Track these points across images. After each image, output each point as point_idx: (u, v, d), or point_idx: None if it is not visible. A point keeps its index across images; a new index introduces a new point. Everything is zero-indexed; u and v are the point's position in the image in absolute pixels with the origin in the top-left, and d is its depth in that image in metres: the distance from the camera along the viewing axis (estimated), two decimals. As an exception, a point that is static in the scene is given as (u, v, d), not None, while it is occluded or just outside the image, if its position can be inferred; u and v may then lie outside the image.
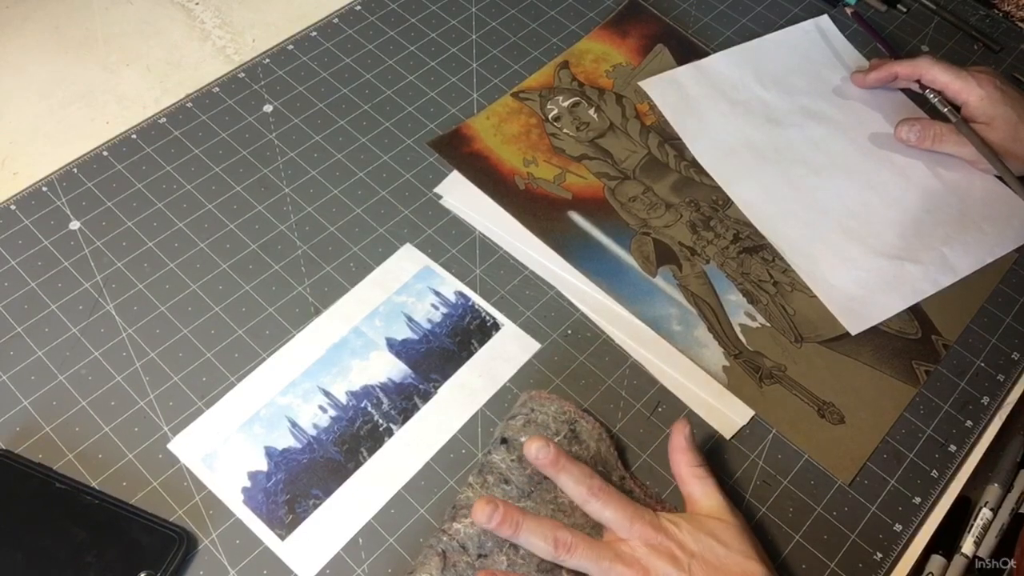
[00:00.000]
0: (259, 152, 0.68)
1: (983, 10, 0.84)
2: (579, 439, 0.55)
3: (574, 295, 0.63)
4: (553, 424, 0.55)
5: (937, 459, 0.58)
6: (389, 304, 0.61)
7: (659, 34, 0.79)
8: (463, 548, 0.50)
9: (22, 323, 0.59)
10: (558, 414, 0.55)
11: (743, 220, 0.67)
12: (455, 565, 0.49)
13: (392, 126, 0.71)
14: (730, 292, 0.64)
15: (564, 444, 0.54)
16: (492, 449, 0.54)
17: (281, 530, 0.52)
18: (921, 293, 0.64)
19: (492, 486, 0.52)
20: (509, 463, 0.53)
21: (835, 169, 0.71)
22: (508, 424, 0.55)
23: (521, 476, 0.52)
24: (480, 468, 0.53)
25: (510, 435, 0.54)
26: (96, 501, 0.51)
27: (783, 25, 0.80)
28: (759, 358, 0.61)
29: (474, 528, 0.50)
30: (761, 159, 0.71)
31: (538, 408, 0.55)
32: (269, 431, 0.55)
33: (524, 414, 0.55)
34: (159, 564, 0.49)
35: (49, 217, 0.63)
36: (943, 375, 0.62)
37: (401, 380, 0.58)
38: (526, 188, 0.67)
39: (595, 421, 0.56)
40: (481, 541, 0.50)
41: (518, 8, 0.80)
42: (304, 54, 0.74)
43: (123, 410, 0.56)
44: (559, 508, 0.52)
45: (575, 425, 0.55)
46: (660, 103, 0.73)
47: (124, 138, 0.68)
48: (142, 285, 0.61)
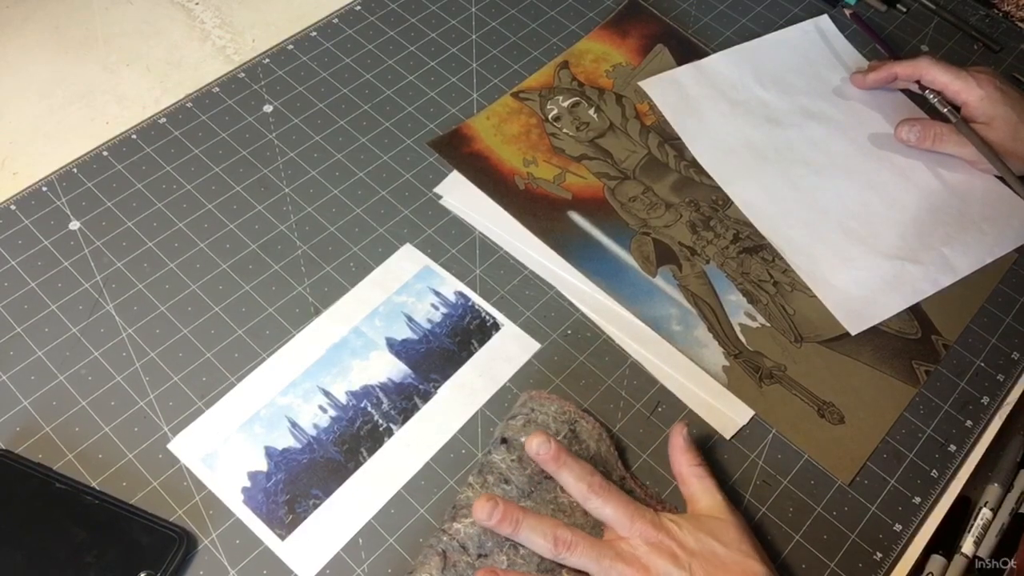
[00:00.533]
0: (259, 152, 0.68)
1: (983, 10, 0.84)
2: (579, 439, 0.55)
3: (574, 295, 0.63)
4: (553, 424, 0.55)
5: (937, 459, 0.58)
6: (389, 304, 0.61)
7: (659, 34, 0.79)
8: (463, 548, 0.50)
9: (22, 323, 0.59)
10: (558, 414, 0.55)
11: (743, 220, 0.67)
12: (455, 565, 0.49)
13: (392, 126, 0.71)
14: (730, 292, 0.64)
15: (564, 444, 0.54)
16: (492, 449, 0.54)
17: (281, 530, 0.52)
18: (921, 293, 0.64)
19: (492, 486, 0.52)
20: (509, 463, 0.53)
21: (835, 169, 0.71)
22: (508, 424, 0.55)
23: (521, 476, 0.52)
24: (480, 468, 0.53)
25: (510, 435, 0.54)
26: (96, 501, 0.51)
27: (783, 25, 0.80)
28: (759, 358, 0.61)
29: (474, 528, 0.50)
30: (761, 159, 0.71)
31: (538, 408, 0.55)
32: (269, 431, 0.55)
33: (524, 414, 0.55)
34: (159, 564, 0.49)
35: (49, 217, 0.63)
36: (943, 375, 0.62)
37: (401, 380, 0.58)
38: (526, 188, 0.67)
39: (595, 421, 0.56)
40: (481, 541, 0.50)
41: (518, 8, 0.80)
42: (304, 54, 0.74)
43: (123, 410, 0.56)
44: (559, 508, 0.52)
45: (575, 425, 0.55)
46: (660, 103, 0.73)
47: (124, 138, 0.68)
48: (142, 285, 0.61)
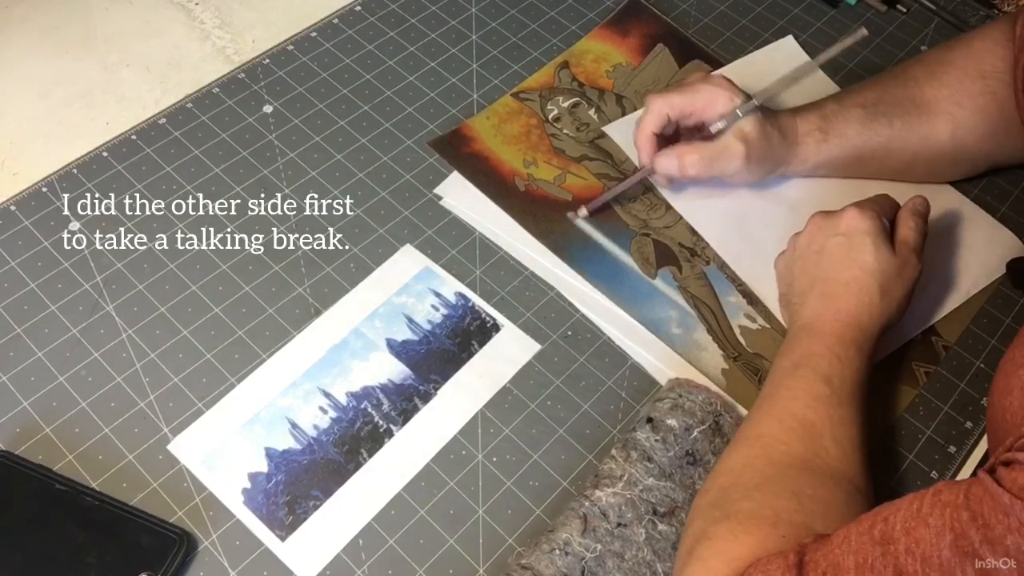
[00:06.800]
0: (259, 153, 0.68)
1: (983, 10, 0.84)
2: (722, 432, 0.56)
3: (574, 296, 0.63)
4: (699, 412, 0.56)
5: (937, 460, 0.58)
6: (389, 305, 0.61)
7: (659, 34, 0.78)
8: (604, 515, 0.51)
9: (22, 324, 0.59)
10: (705, 403, 0.56)
11: (743, 221, 0.67)
12: (595, 530, 0.51)
13: (392, 127, 0.71)
14: (730, 293, 0.64)
15: (707, 433, 0.55)
16: (637, 427, 0.55)
17: (281, 531, 0.52)
18: (908, 335, 0.63)
19: (635, 461, 0.53)
20: (653, 442, 0.54)
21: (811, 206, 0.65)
22: (655, 405, 0.56)
23: (663, 457, 0.54)
24: (624, 443, 0.54)
25: (656, 416, 0.55)
26: (96, 502, 0.51)
27: (783, 25, 0.80)
28: (758, 360, 0.61)
29: (615, 498, 0.52)
30: (736, 196, 0.68)
31: (686, 395, 0.56)
32: (269, 432, 0.55)
33: (672, 398, 0.56)
34: (159, 565, 0.49)
35: (49, 218, 0.63)
36: (943, 376, 0.62)
37: (401, 381, 0.58)
38: (526, 190, 0.67)
39: (741, 418, 0.56)
40: (622, 511, 0.51)
41: (518, 8, 0.80)
42: (304, 54, 0.74)
43: (123, 411, 0.56)
44: (696, 494, 0.52)
45: (720, 418, 0.56)
46: (624, 145, 0.70)
47: (124, 138, 0.68)
48: (142, 286, 0.61)
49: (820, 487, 0.48)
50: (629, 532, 0.51)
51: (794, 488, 0.48)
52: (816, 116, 0.65)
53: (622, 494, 0.52)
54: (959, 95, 0.64)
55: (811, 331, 0.55)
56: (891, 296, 0.56)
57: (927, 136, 0.65)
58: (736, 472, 0.50)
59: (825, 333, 0.55)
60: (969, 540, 0.36)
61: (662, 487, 0.53)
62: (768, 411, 0.53)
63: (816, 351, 0.54)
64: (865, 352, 0.55)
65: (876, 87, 0.66)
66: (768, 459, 0.50)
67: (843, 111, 0.65)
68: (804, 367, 0.53)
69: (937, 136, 0.65)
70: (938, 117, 0.64)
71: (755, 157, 0.63)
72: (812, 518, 0.46)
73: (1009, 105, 0.63)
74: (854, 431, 0.52)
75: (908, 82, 0.65)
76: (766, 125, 0.62)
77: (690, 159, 0.62)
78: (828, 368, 0.53)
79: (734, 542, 0.45)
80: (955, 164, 0.68)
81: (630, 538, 0.51)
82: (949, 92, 0.64)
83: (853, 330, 0.55)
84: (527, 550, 0.51)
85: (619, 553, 0.50)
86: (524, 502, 0.54)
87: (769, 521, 0.46)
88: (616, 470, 0.53)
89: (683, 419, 0.55)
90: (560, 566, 0.49)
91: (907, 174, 0.68)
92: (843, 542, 0.41)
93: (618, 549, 0.50)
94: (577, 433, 0.57)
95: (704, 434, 0.55)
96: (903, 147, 0.65)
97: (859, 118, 0.64)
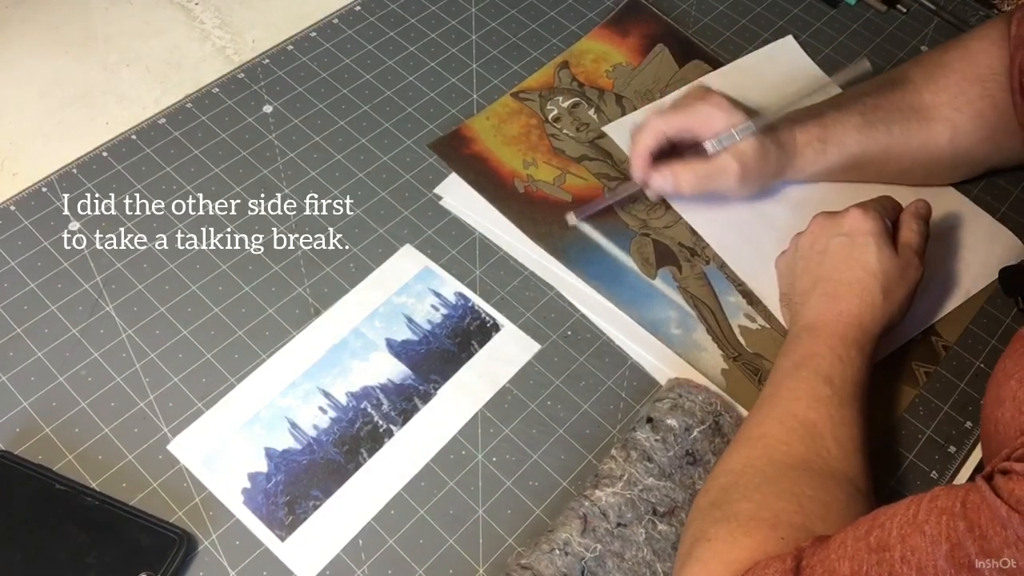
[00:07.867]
0: (259, 153, 0.68)
1: (983, 11, 0.84)
2: (722, 432, 0.56)
3: (574, 296, 0.63)
4: (699, 412, 0.56)
5: (937, 460, 0.58)
6: (389, 305, 0.61)
7: (659, 34, 0.78)
8: (603, 515, 0.51)
9: (22, 324, 0.59)
10: (705, 404, 0.56)
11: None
12: (594, 529, 0.51)
13: (392, 127, 0.71)
14: (729, 293, 0.64)
15: (707, 433, 0.55)
16: (637, 427, 0.55)
17: (281, 531, 0.52)
18: (908, 335, 0.63)
19: (635, 461, 0.53)
20: (653, 442, 0.54)
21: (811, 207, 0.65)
22: (655, 405, 0.56)
23: (663, 457, 0.54)
24: (624, 443, 0.54)
25: (656, 416, 0.55)
26: (96, 502, 0.51)
27: (783, 25, 0.80)
28: (758, 360, 0.61)
29: (615, 498, 0.52)
30: (738, 200, 0.67)
31: (686, 395, 0.56)
32: (269, 432, 0.55)
33: (671, 398, 0.56)
34: (159, 565, 0.49)
35: (49, 218, 0.63)
36: (943, 376, 0.62)
37: (401, 381, 0.58)
38: (525, 192, 0.67)
39: (740, 418, 0.56)
40: (621, 511, 0.51)
41: (518, 8, 0.80)
42: (304, 54, 0.74)
43: (123, 411, 0.56)
44: (695, 494, 0.52)
45: (719, 418, 0.56)
46: (624, 146, 0.70)
47: (124, 138, 0.68)
48: (142, 286, 0.61)
49: (821, 488, 0.48)
50: (629, 532, 0.51)
51: (795, 489, 0.48)
52: (815, 126, 0.64)
53: (622, 494, 0.52)
54: (957, 100, 0.64)
55: (813, 331, 0.55)
56: (893, 297, 0.56)
57: (926, 142, 0.65)
58: (737, 472, 0.50)
59: (827, 333, 0.55)
60: (966, 551, 0.36)
61: (662, 487, 0.53)
62: (769, 411, 0.53)
63: (818, 351, 0.54)
64: (866, 353, 0.55)
65: (874, 92, 0.66)
66: (769, 459, 0.50)
67: (842, 119, 0.64)
68: (806, 367, 0.54)
69: (936, 141, 0.65)
70: (937, 123, 0.64)
71: (751, 175, 0.63)
72: (812, 520, 0.46)
73: (1007, 108, 0.63)
74: (855, 432, 0.52)
75: (906, 87, 0.65)
76: (764, 141, 0.62)
77: (685, 178, 0.62)
78: (830, 368, 0.53)
79: (733, 544, 0.45)
80: (953, 168, 0.68)
81: (630, 538, 0.51)
82: (947, 97, 0.64)
83: (855, 330, 0.55)
84: (527, 550, 0.51)
85: (619, 553, 0.50)
86: (524, 502, 0.54)
87: (769, 523, 0.46)
88: (616, 470, 0.53)
89: (683, 419, 0.55)
90: (560, 566, 0.49)
91: (905, 178, 0.68)
92: (839, 547, 0.41)
93: (618, 549, 0.50)
94: (577, 433, 0.57)
95: (704, 434, 0.55)
96: (902, 153, 0.65)
97: (858, 126, 0.64)
